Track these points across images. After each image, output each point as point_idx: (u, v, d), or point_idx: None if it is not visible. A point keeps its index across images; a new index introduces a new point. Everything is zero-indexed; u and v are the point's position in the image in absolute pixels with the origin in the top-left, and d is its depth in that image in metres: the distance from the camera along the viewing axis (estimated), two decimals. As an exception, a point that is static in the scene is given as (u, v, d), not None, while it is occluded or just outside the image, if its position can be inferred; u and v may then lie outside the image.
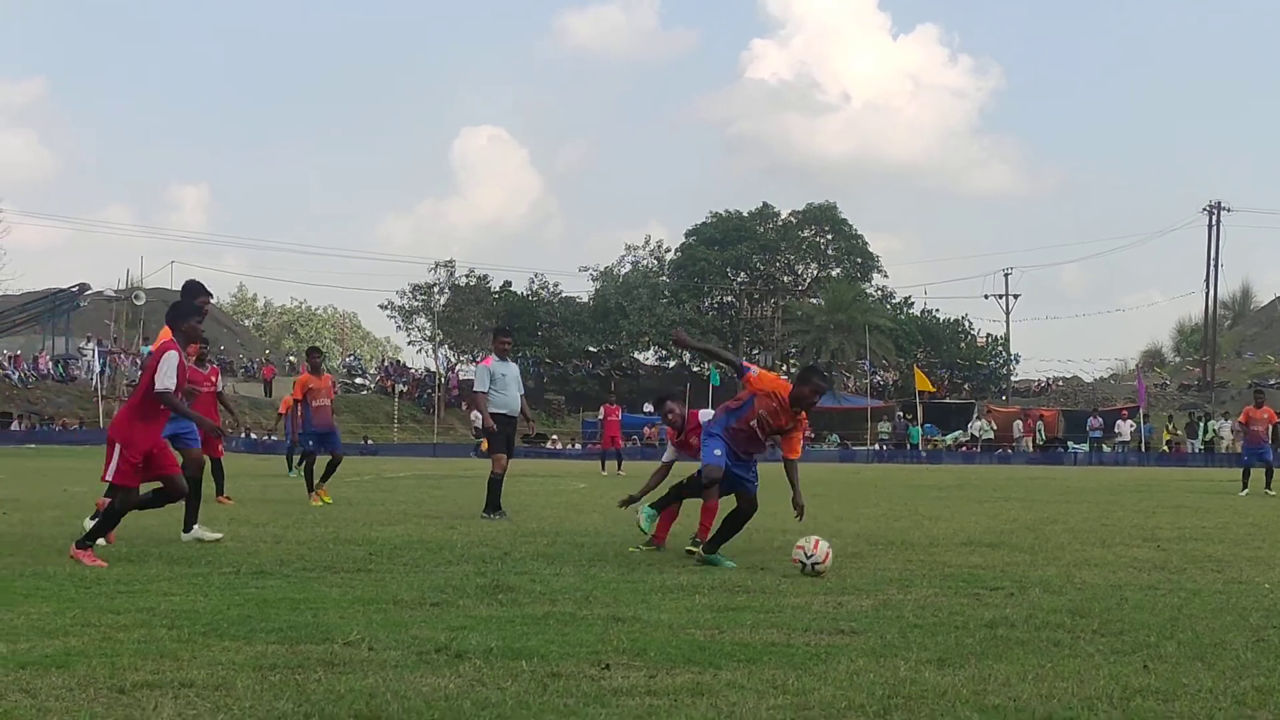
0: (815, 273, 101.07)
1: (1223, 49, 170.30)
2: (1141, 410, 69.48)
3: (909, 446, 70.30)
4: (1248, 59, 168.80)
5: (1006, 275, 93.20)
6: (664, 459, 14.31)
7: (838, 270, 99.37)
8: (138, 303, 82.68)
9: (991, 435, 72.56)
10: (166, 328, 11.92)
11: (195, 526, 13.23)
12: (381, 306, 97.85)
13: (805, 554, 10.69)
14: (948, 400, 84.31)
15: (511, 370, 17.61)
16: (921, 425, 72.43)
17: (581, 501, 21.91)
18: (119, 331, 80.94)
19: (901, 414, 75.97)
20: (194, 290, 13.08)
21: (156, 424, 11.54)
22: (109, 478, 11.38)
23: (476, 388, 17.59)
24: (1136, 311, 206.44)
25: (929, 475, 42.20)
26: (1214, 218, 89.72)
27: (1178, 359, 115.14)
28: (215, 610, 8.29)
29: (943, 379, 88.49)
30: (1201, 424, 68.24)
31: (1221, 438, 65.62)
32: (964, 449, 71.06)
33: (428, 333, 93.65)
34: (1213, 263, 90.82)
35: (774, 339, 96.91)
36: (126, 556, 11.39)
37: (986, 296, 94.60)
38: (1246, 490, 27.65)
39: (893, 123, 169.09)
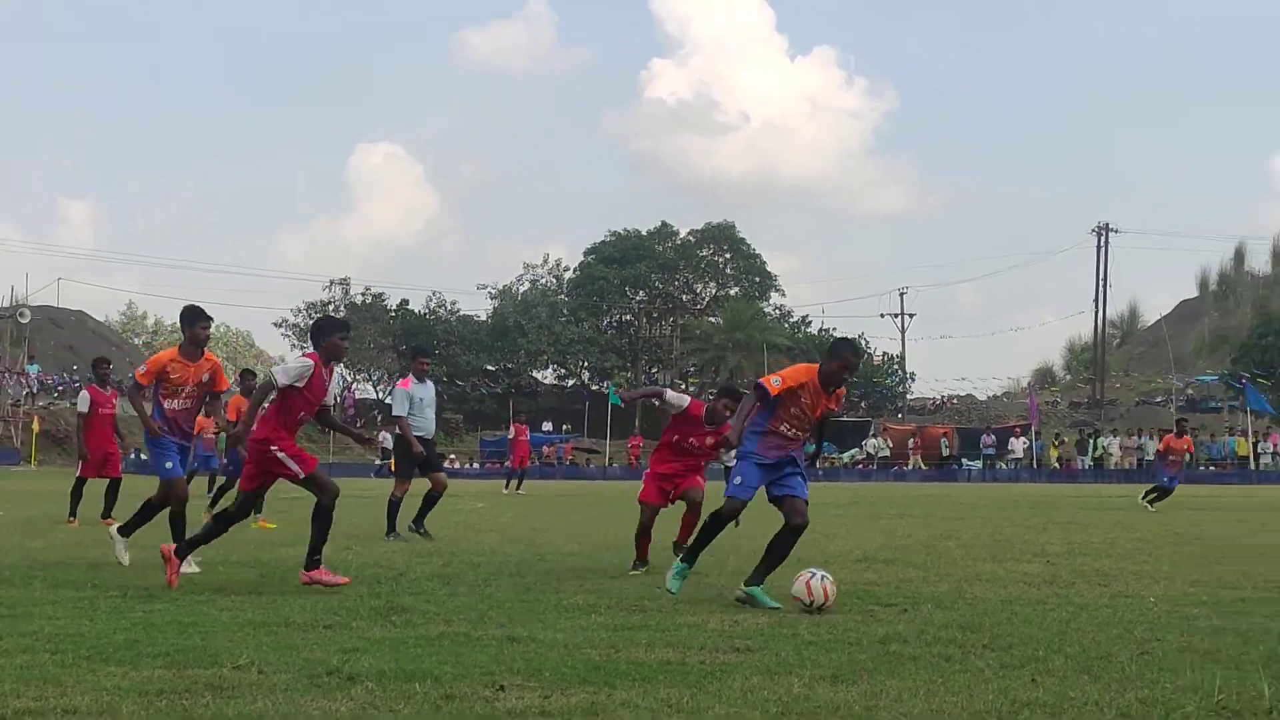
0: (714, 291, 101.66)
1: (1111, 73, 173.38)
2: (1033, 428, 70.38)
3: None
4: (1135, 82, 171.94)
5: (902, 294, 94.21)
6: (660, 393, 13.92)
7: (736, 289, 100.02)
8: (22, 320, 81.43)
9: (887, 453, 73.18)
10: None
11: (124, 541, 12.86)
12: (276, 324, 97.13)
13: (806, 601, 9.71)
14: (845, 418, 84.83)
15: (429, 393, 17.53)
16: (819, 443, 72.69)
17: (478, 521, 21.83)
18: (3, 350, 79.57)
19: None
20: (334, 321, 12.20)
21: (294, 429, 11.29)
22: (299, 475, 11.17)
23: (396, 411, 17.39)
24: (1028, 331, 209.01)
25: (826, 493, 42.38)
26: (1102, 239, 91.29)
27: (1068, 377, 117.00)
28: (101, 634, 8.14)
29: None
30: (1091, 441, 69.20)
31: (1110, 454, 66.68)
32: (860, 466, 71.59)
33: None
34: (1101, 283, 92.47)
35: (673, 357, 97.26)
36: (9, 580, 11.18)
37: (883, 315, 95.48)
38: (1152, 508, 27.99)
39: (791, 143, 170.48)
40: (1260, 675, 6.88)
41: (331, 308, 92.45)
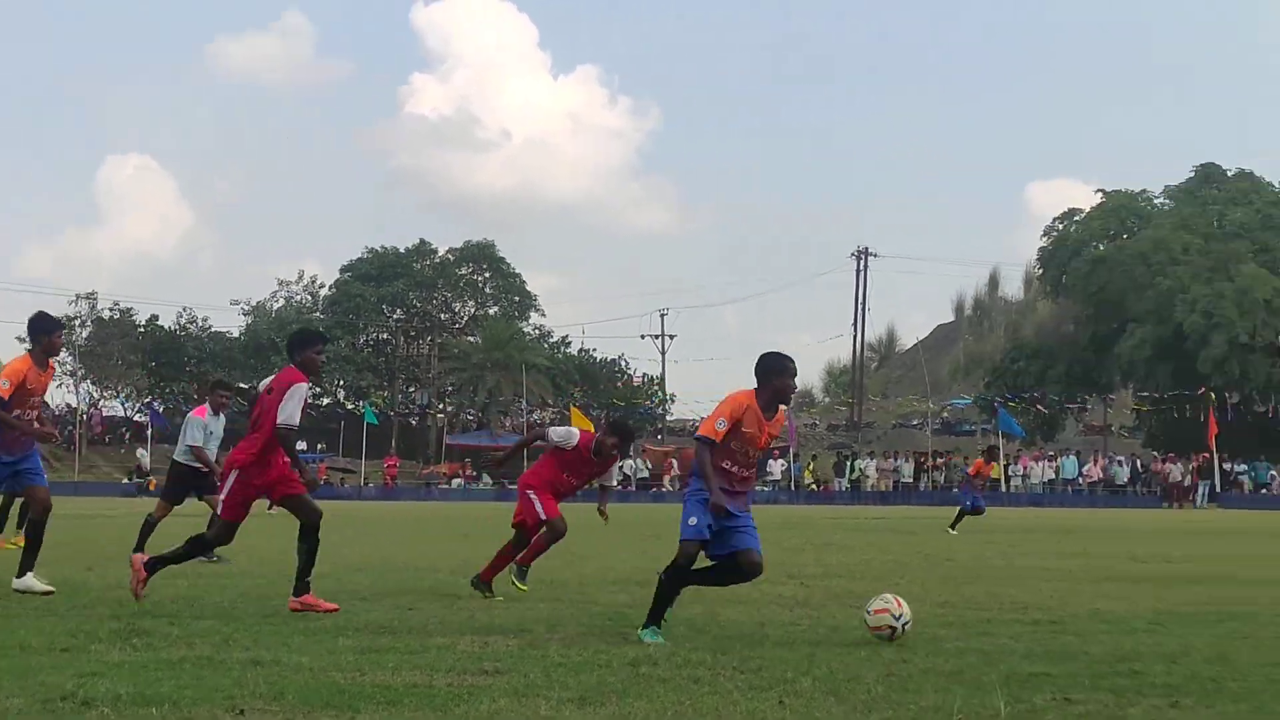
0: (473, 310, 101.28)
1: (871, 98, 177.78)
2: (792, 450, 71.61)
3: (565, 485, 70.60)
4: (895, 109, 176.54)
5: (663, 315, 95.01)
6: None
7: (495, 308, 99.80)
8: None
9: (646, 474, 73.76)
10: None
11: (29, 575, 12.20)
12: (19, 339, 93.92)
13: (893, 615, 9.44)
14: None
15: (220, 426, 17.68)
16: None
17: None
18: None
19: (558, 453, 76.21)
20: (310, 334, 11.90)
21: (277, 453, 10.84)
22: (220, 512, 10.91)
23: (190, 440, 17.38)
24: (789, 353, 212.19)
25: (583, 514, 42.49)
26: (862, 263, 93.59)
27: (826, 399, 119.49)
28: None
29: (599, 419, 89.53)
30: (848, 463, 70.70)
31: (867, 476, 68.28)
32: (619, 487, 71.95)
33: (69, 367, 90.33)
34: (860, 306, 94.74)
35: (430, 376, 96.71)
36: None
37: (643, 337, 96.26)
38: (955, 531, 28.38)
39: (554, 161, 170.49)
40: (998, 694, 7.06)
41: (78, 322, 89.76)
